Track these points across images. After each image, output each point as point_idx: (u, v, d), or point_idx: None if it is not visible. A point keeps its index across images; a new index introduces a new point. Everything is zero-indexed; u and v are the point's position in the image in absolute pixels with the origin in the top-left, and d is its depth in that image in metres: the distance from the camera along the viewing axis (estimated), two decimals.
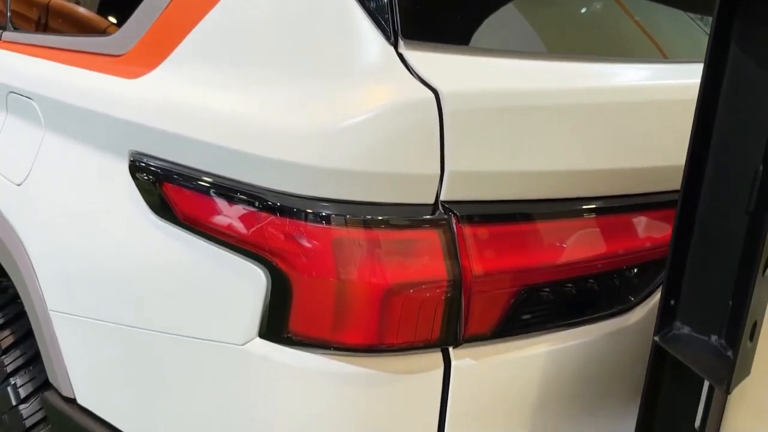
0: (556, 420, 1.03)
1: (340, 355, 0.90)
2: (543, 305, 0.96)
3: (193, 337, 1.00)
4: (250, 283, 0.91)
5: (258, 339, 0.93)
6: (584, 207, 0.97)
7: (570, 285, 0.97)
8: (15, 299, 1.56)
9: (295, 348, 0.91)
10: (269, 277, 0.90)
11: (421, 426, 0.94)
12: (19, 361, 1.49)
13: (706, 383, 0.81)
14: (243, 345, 0.94)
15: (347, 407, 0.91)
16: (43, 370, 1.37)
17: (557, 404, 1.02)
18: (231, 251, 0.93)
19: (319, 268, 0.86)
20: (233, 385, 0.97)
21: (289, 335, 0.90)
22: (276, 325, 0.91)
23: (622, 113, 0.96)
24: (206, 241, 0.96)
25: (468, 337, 0.91)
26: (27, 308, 1.33)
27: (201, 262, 0.97)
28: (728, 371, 0.68)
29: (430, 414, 0.93)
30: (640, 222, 1.01)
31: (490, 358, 0.94)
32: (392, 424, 0.93)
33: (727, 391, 0.70)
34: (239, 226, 0.91)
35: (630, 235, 1.00)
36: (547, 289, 0.95)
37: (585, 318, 1.00)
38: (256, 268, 0.90)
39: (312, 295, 0.88)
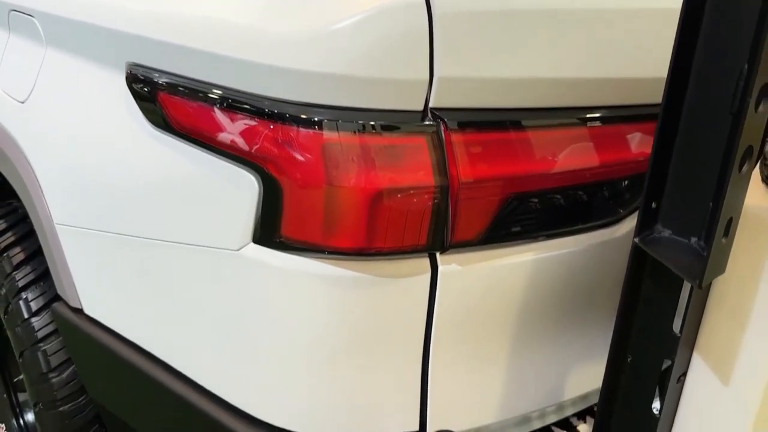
0: (541, 327, 1.06)
1: (330, 258, 0.92)
2: (530, 214, 0.97)
3: (190, 244, 1.03)
4: (244, 190, 0.93)
5: (252, 244, 0.95)
6: (575, 117, 0.97)
7: (558, 195, 0.98)
8: (25, 218, 1.60)
9: (287, 252, 0.93)
10: (261, 184, 0.91)
11: (409, 328, 0.97)
12: (30, 277, 1.54)
13: (686, 286, 0.83)
14: (238, 250, 0.97)
15: (337, 309, 0.94)
16: (52, 285, 1.42)
17: (543, 312, 1.04)
18: (224, 159, 0.95)
19: (308, 173, 0.88)
20: (229, 288, 1.01)
21: (281, 240, 0.93)
22: (269, 230, 0.93)
23: (616, 21, 0.95)
24: (201, 149, 0.97)
25: (455, 243, 0.93)
26: (34, 223, 1.36)
27: (197, 170, 1.00)
28: (702, 266, 0.69)
29: (417, 317, 0.96)
30: (632, 134, 1.01)
31: (477, 264, 0.96)
32: (381, 326, 0.96)
33: (700, 286, 0.71)
34: (231, 133, 0.93)
35: (621, 146, 1.01)
36: (534, 198, 0.96)
37: (573, 228, 1.01)
38: (248, 174, 0.92)
39: (302, 200, 0.90)
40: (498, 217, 0.94)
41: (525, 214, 0.97)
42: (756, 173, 0.81)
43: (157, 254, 1.10)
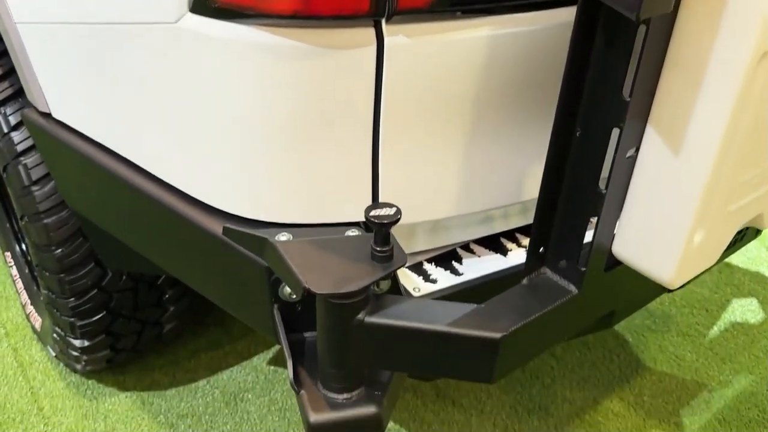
0: (500, 115, 1.01)
1: (268, 26, 0.87)
2: None
3: (133, 23, 0.99)
4: None
5: (189, 14, 0.91)
6: None
7: None
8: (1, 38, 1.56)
9: (225, 20, 0.89)
10: None
11: (355, 107, 0.93)
12: (8, 92, 1.53)
13: (637, 45, 0.77)
14: (176, 22, 0.92)
15: (278, 81, 0.90)
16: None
17: (502, 98, 0.99)
18: None
19: None
20: (172, 66, 0.97)
21: (216, 5, 0.88)
22: None
23: None
24: None
25: (401, 10, 0.87)
26: None
27: None
28: None
29: (364, 94, 0.92)
30: None
31: (428, 37, 0.90)
32: (326, 103, 0.92)
33: (637, 20, 0.65)
34: None
35: None
36: None
37: (534, 2, 0.94)
38: None
39: None
40: None
41: None
42: None
43: (105, 40, 1.06)
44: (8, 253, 2.06)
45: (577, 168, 0.87)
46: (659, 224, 0.87)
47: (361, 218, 1.01)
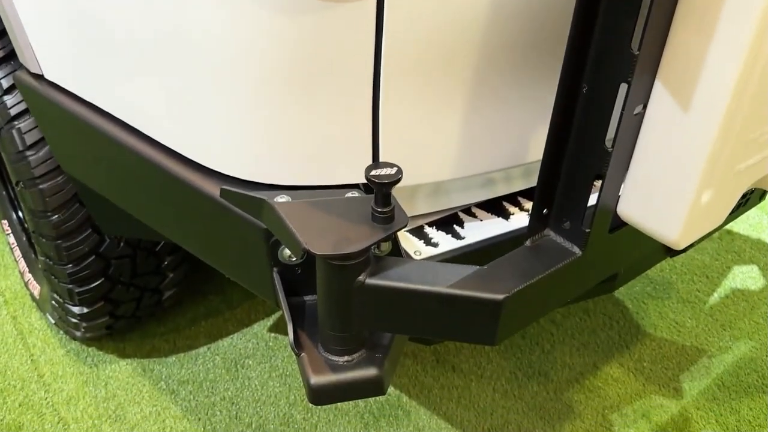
0: (499, 65, 0.98)
1: None
2: None
3: None
4: None
5: None
6: None
7: None
8: None
9: None
10: None
11: (355, 64, 0.91)
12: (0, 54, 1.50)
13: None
14: None
15: (277, 33, 0.87)
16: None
17: (501, 48, 0.96)
18: None
19: None
20: (164, 19, 0.94)
21: None
22: None
23: None
24: None
25: None
26: None
27: None
28: None
29: (364, 46, 0.89)
30: None
31: None
32: (323, 55, 0.89)
33: None
34: None
35: None
36: None
37: None
38: None
39: None
40: None
41: None
42: None
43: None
44: (5, 221, 2.05)
45: (583, 126, 0.85)
46: (666, 183, 0.85)
47: (362, 180, 1.00)
